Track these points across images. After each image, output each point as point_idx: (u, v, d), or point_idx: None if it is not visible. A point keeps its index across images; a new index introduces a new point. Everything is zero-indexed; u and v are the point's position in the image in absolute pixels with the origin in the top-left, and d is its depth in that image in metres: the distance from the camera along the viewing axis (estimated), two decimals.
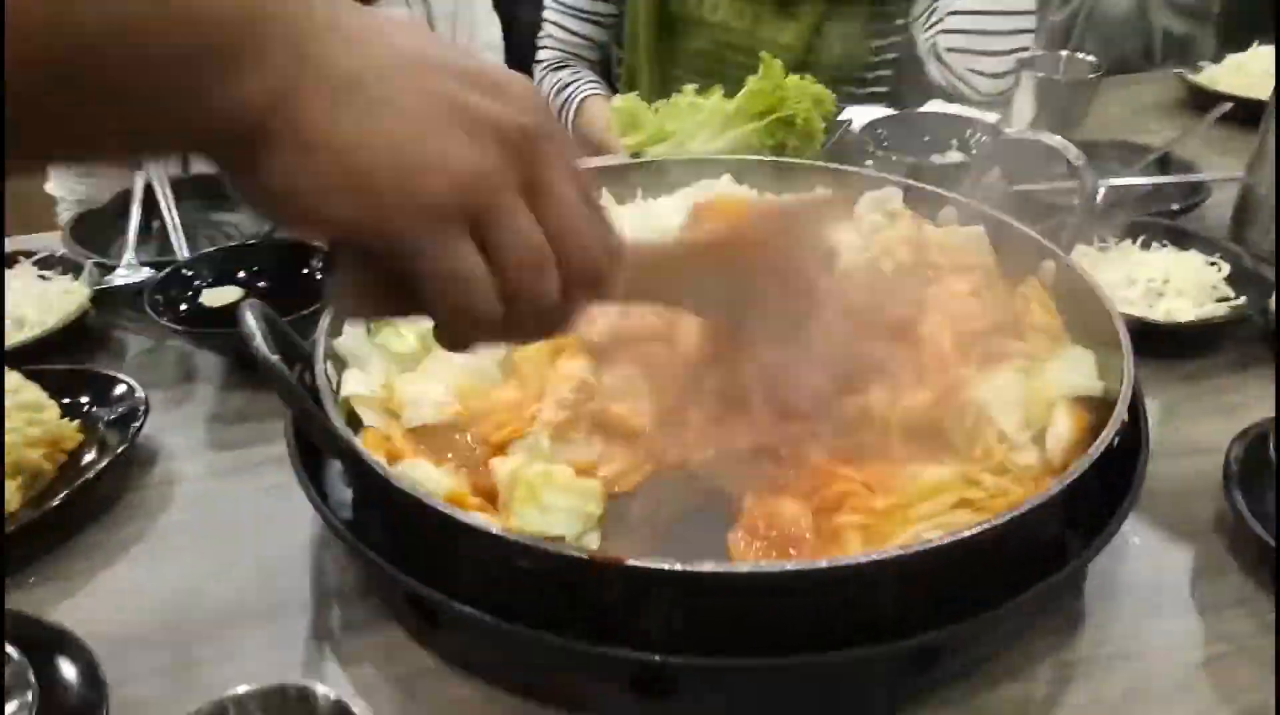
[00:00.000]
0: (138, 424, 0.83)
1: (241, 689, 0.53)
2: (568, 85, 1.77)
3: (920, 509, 0.65)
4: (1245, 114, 1.32)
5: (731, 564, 0.59)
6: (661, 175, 1.04)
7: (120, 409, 0.86)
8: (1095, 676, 0.66)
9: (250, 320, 0.65)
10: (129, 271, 1.06)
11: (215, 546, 0.77)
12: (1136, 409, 0.76)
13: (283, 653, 0.68)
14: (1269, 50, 1.56)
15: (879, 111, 1.34)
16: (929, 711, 0.63)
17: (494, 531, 0.59)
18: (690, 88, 1.26)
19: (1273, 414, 0.78)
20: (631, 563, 0.56)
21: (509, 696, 0.64)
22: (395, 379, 0.77)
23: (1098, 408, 0.73)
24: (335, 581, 0.74)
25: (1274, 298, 0.97)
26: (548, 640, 0.59)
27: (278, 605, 0.72)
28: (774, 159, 1.10)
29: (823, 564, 0.57)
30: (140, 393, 0.86)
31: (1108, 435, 0.65)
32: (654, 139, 1.24)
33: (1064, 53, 1.35)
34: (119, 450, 0.80)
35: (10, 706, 0.56)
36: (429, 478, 0.68)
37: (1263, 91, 1.37)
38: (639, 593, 0.58)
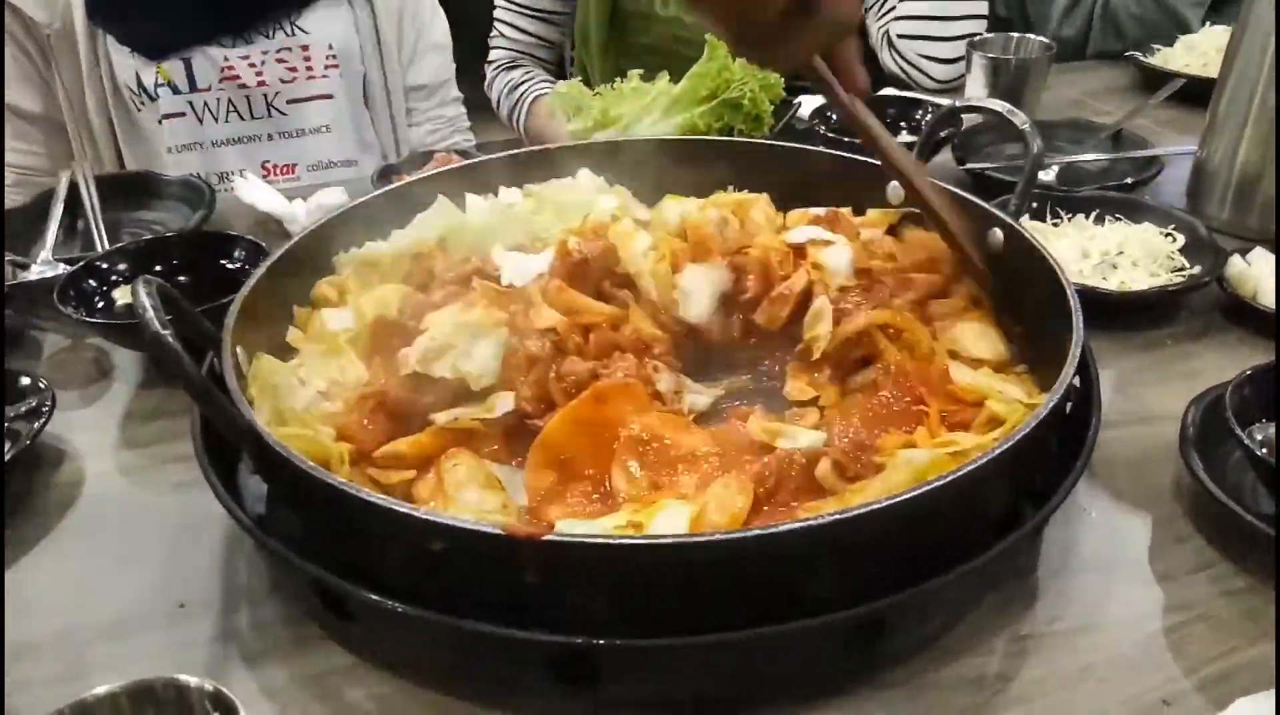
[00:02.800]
0: (42, 421, 0.78)
1: (102, 689, 0.48)
2: (519, 85, 1.73)
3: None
4: (1196, 91, 1.31)
5: (659, 536, 0.55)
6: (610, 158, 1.00)
7: (24, 407, 0.81)
8: (1052, 650, 0.62)
9: (143, 295, 0.60)
10: (44, 268, 1.01)
11: (118, 547, 0.73)
12: (1088, 375, 0.73)
13: (184, 655, 0.63)
14: (1220, 29, 1.55)
15: None
16: (879, 688, 0.59)
17: (403, 511, 0.55)
18: (635, 72, 1.23)
19: (1229, 379, 0.75)
20: (551, 537, 0.52)
21: (427, 691, 0.60)
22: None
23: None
24: (245, 581, 0.69)
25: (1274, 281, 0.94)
26: (461, 627, 0.54)
27: (181, 607, 0.67)
28: (721, 139, 1.07)
29: (754, 532, 0.53)
30: (46, 389, 0.81)
31: (1055, 395, 0.62)
32: (599, 124, 1.20)
33: (1014, 34, 1.33)
34: (20, 447, 0.75)
35: None
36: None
37: (1212, 69, 1.37)
38: (559, 570, 0.54)
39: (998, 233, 0.86)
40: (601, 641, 0.53)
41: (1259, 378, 0.74)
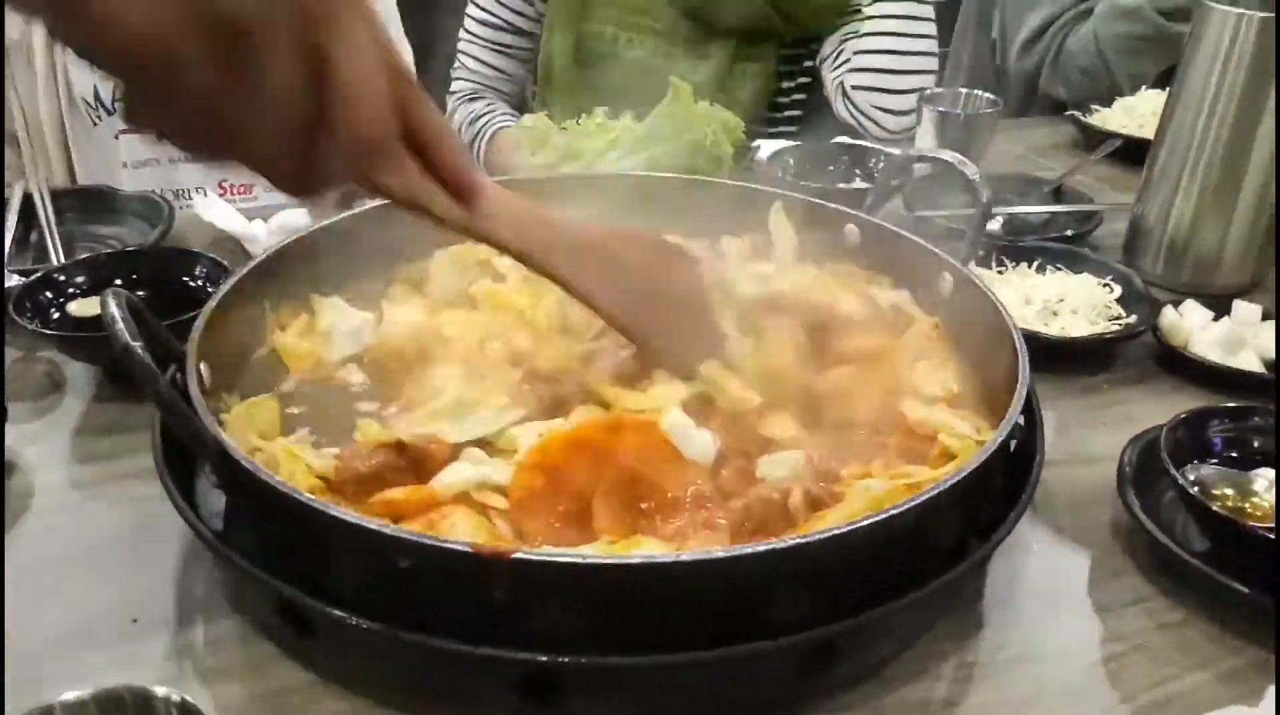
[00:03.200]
0: None
1: (71, 695, 0.48)
2: (481, 117, 1.75)
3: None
4: (1133, 151, 1.38)
5: (623, 556, 0.56)
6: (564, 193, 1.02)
7: None
8: (996, 678, 0.64)
9: (112, 306, 0.60)
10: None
11: (68, 561, 0.71)
12: (1033, 416, 0.76)
13: (138, 671, 0.62)
14: (1154, 94, 1.64)
15: (787, 144, 1.36)
16: (833, 711, 0.61)
17: (372, 527, 0.55)
18: (601, 109, 1.26)
19: (1162, 423, 0.79)
20: (520, 556, 0.53)
21: (387, 709, 0.60)
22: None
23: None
24: (201, 596, 0.68)
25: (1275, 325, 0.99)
26: (429, 644, 0.55)
27: (135, 622, 0.66)
28: (686, 177, 1.09)
29: (717, 554, 0.55)
30: None
31: (1002, 432, 0.65)
32: (564, 159, 1.22)
33: (963, 89, 1.38)
34: None
35: None
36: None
37: (1148, 131, 1.44)
38: (526, 588, 0.55)
39: (948, 277, 0.90)
40: (566, 660, 0.54)
41: (1192, 421, 0.78)
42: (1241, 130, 1.07)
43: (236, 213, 1.17)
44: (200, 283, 0.97)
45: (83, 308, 0.94)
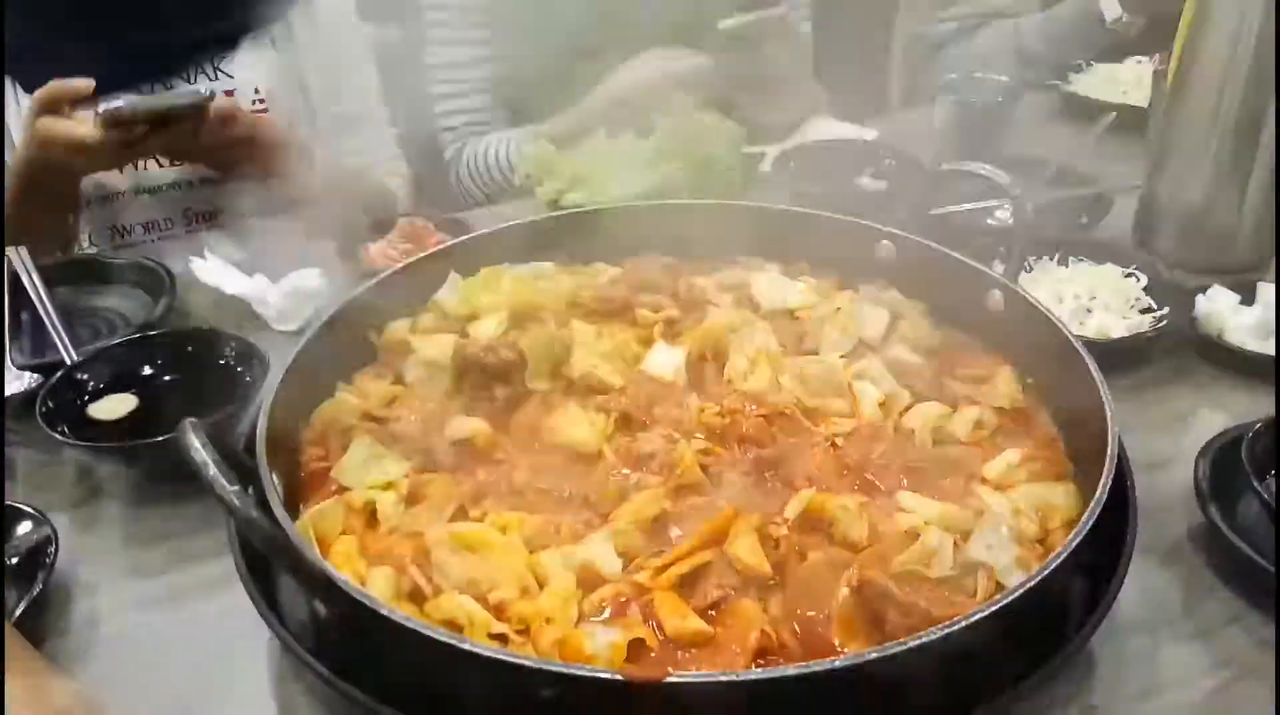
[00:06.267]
0: (49, 561, 0.73)
1: None
2: (491, 145, 1.61)
3: None
4: (1128, 122, 1.37)
5: (775, 668, 0.55)
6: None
7: (25, 546, 0.75)
8: None
9: (198, 448, 0.57)
10: (7, 378, 0.94)
11: (159, 695, 0.68)
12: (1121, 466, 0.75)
13: None
14: (1137, 64, 1.64)
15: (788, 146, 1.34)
16: None
17: (511, 661, 0.54)
18: (602, 131, 1.23)
19: (1224, 419, 0.80)
20: (674, 680, 0.52)
21: None
22: None
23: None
24: None
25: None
26: None
27: None
28: (710, 203, 1.07)
29: (871, 655, 0.54)
30: (47, 529, 0.75)
31: (1102, 490, 0.65)
32: (572, 185, 1.19)
33: (978, 74, 1.36)
34: (33, 594, 0.70)
35: None
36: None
37: (1139, 99, 1.44)
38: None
39: (997, 294, 0.89)
40: None
41: (1264, 432, 0.79)
42: (1257, 100, 1.06)
43: (240, 274, 1.12)
44: (230, 364, 0.93)
45: (107, 409, 0.89)
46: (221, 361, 0.93)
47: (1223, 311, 1.02)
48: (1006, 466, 0.76)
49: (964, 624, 0.54)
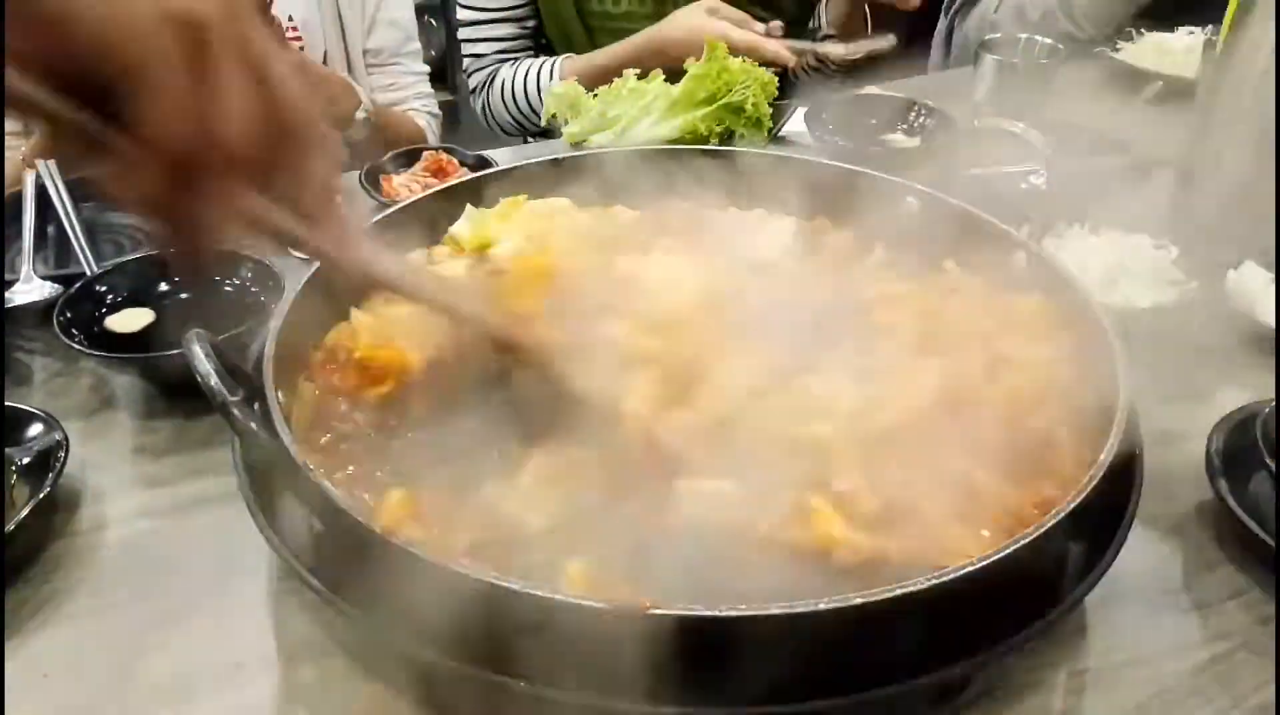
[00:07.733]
0: (58, 465, 0.74)
1: None
2: (521, 70, 1.63)
3: None
4: (1175, 92, 1.34)
5: (762, 606, 0.55)
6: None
7: (36, 448, 0.77)
8: (1108, 685, 0.65)
9: (201, 357, 0.58)
10: (29, 287, 0.95)
11: (160, 599, 0.70)
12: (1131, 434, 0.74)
13: None
14: (1191, 34, 1.59)
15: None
16: None
17: (514, 588, 0.54)
18: (632, 72, 1.21)
19: (1245, 396, 0.78)
20: (657, 611, 0.52)
21: None
22: None
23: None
24: (303, 633, 0.67)
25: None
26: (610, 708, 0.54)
27: (238, 664, 0.65)
28: (728, 149, 1.05)
29: (855, 600, 0.54)
30: (58, 434, 0.76)
31: (1108, 455, 0.64)
32: (597, 126, 1.18)
33: (1022, 35, 1.33)
34: (40, 496, 0.71)
35: None
36: None
37: (1188, 70, 1.40)
38: (654, 641, 0.53)
39: (1021, 256, 0.88)
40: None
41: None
42: None
43: None
44: (245, 284, 0.93)
45: (124, 322, 0.90)
46: (238, 282, 0.94)
47: (1254, 288, 0.99)
48: None
49: (957, 574, 0.54)
